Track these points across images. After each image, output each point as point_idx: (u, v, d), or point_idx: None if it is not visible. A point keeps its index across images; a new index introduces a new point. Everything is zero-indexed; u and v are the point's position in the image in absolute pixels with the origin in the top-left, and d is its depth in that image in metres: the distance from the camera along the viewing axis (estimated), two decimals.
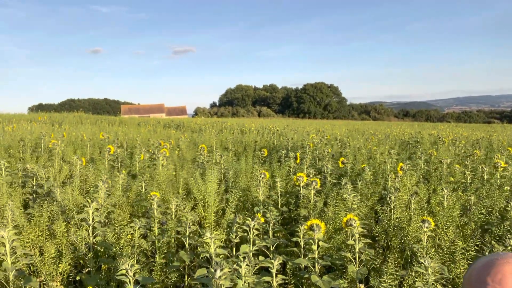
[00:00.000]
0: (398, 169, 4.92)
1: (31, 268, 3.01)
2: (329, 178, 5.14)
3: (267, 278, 2.53)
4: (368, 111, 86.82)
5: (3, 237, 2.61)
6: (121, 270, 2.13)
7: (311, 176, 4.78)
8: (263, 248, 3.10)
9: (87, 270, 3.12)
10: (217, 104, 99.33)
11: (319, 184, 4.09)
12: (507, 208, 3.56)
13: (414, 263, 2.64)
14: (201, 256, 3.01)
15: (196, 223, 3.51)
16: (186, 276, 3.18)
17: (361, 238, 2.78)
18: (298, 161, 6.13)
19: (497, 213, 3.89)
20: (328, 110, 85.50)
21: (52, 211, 3.54)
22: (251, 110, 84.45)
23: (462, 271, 2.69)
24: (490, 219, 3.74)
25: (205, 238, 2.63)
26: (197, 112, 78.56)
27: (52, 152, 6.69)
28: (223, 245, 3.04)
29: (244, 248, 2.83)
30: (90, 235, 3.15)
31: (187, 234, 3.14)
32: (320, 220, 2.80)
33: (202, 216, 3.76)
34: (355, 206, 3.61)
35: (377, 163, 6.35)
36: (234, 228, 3.06)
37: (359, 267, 2.73)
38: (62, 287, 2.84)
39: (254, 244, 2.90)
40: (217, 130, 15.08)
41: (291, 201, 4.28)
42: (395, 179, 4.71)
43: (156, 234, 3.33)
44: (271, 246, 3.16)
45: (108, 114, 32.19)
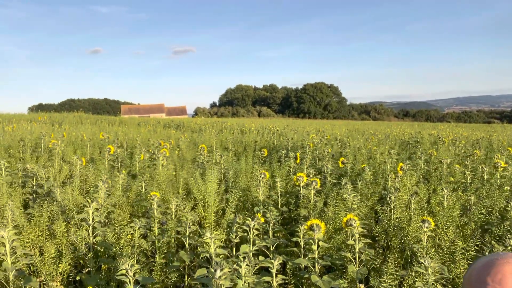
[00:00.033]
0: (398, 169, 4.92)
1: (31, 268, 3.01)
2: (329, 178, 5.14)
3: (267, 278, 2.53)
4: (368, 111, 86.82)
5: (3, 237, 2.61)
6: (121, 270, 2.13)
7: (311, 176, 4.78)
8: (263, 248, 3.10)
9: (87, 270, 3.12)
10: (217, 104, 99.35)
11: (319, 184, 4.09)
12: (507, 208, 3.56)
13: (414, 263, 2.64)
14: (201, 256, 3.01)
15: (196, 223, 3.51)
16: (186, 276, 3.18)
17: (361, 238, 2.78)
18: (298, 161, 6.13)
19: (497, 213, 3.89)
20: (328, 110, 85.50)
21: (52, 211, 3.54)
22: (251, 110, 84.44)
23: (462, 271, 2.69)
24: (490, 219, 3.73)
25: (205, 238, 2.63)
26: (197, 112, 78.57)
27: (52, 152, 6.69)
28: (223, 245, 3.04)
29: (244, 248, 2.82)
30: (90, 235, 3.15)
31: (187, 234, 3.14)
32: (320, 220, 2.80)
33: (202, 216, 3.75)
34: (355, 206, 3.61)
35: (377, 163, 6.35)
36: (234, 228, 3.06)
37: (359, 267, 2.73)
38: (62, 287, 2.84)
39: (254, 244, 2.90)
40: (217, 130, 15.08)
41: (291, 201, 4.28)
42: (395, 179, 4.71)
43: (156, 234, 3.33)
44: (271, 246, 3.16)
45: (108, 114, 32.21)
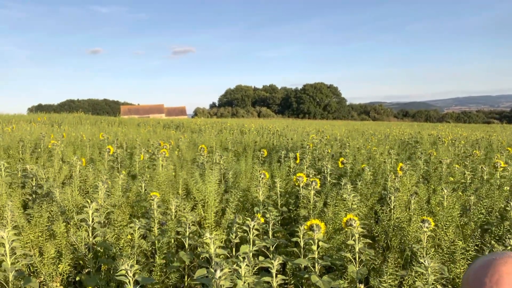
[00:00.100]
0: (398, 169, 4.92)
1: (31, 269, 3.01)
2: (328, 178, 5.14)
3: (267, 278, 2.53)
4: (368, 111, 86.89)
5: (2, 237, 2.61)
6: (121, 271, 2.13)
7: (311, 176, 4.78)
8: (263, 249, 3.10)
9: (87, 270, 3.12)
10: (216, 104, 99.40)
11: (319, 184, 4.09)
12: (506, 208, 3.56)
13: (414, 263, 2.64)
14: (201, 256, 3.01)
15: (196, 223, 3.51)
16: (186, 277, 3.18)
17: (361, 238, 2.78)
18: (298, 161, 6.13)
19: (497, 213, 3.89)
20: (328, 110, 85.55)
21: (51, 211, 3.54)
22: (250, 110, 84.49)
23: (462, 271, 2.69)
24: (490, 219, 3.74)
25: (205, 238, 2.63)
26: (196, 113, 78.62)
27: (52, 153, 6.69)
28: (223, 245, 3.04)
29: (244, 248, 2.82)
30: (90, 235, 3.14)
31: (187, 234, 3.14)
32: (320, 220, 2.80)
33: (202, 217, 3.75)
34: (355, 206, 3.61)
35: (376, 163, 6.35)
36: (234, 229, 3.06)
37: (359, 267, 2.73)
38: (62, 287, 2.84)
39: (254, 244, 2.90)
40: (216, 130, 15.08)
41: (291, 201, 4.27)
42: (394, 179, 4.71)
43: (156, 235, 3.32)
44: (271, 247, 3.16)
45: (107, 115, 32.23)
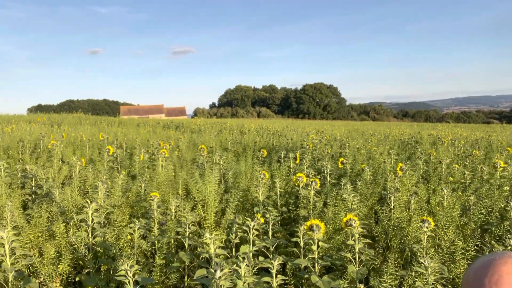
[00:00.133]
0: (398, 169, 4.92)
1: (31, 269, 3.00)
2: (328, 179, 5.14)
3: (267, 279, 2.52)
4: (368, 112, 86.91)
5: (2, 238, 2.60)
6: (120, 271, 2.13)
7: (311, 176, 4.78)
8: (262, 249, 3.10)
9: (86, 271, 3.11)
10: (216, 104, 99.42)
11: (319, 185, 4.09)
12: (506, 208, 3.56)
13: (414, 263, 2.64)
14: (201, 256, 3.00)
15: (195, 223, 3.50)
16: (186, 277, 3.17)
17: (361, 238, 2.78)
18: (297, 161, 6.13)
19: (496, 213, 3.89)
20: (328, 110, 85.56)
21: (51, 212, 3.54)
22: (250, 110, 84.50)
23: (462, 271, 2.69)
24: (490, 219, 3.74)
25: (205, 238, 2.63)
26: (196, 113, 78.62)
27: (52, 153, 6.69)
28: (223, 245, 3.04)
29: (244, 248, 2.82)
30: (90, 236, 3.14)
31: (187, 234, 3.14)
32: (320, 220, 2.79)
33: (202, 217, 3.75)
34: (355, 206, 3.60)
35: (376, 164, 6.35)
36: (234, 229, 3.06)
37: (359, 267, 2.73)
38: (62, 287, 2.84)
39: (254, 244, 2.90)
40: (216, 130, 15.07)
41: (291, 201, 4.27)
42: (394, 179, 4.71)
43: (156, 235, 3.32)
44: (271, 247, 3.15)
45: (107, 115, 32.23)
